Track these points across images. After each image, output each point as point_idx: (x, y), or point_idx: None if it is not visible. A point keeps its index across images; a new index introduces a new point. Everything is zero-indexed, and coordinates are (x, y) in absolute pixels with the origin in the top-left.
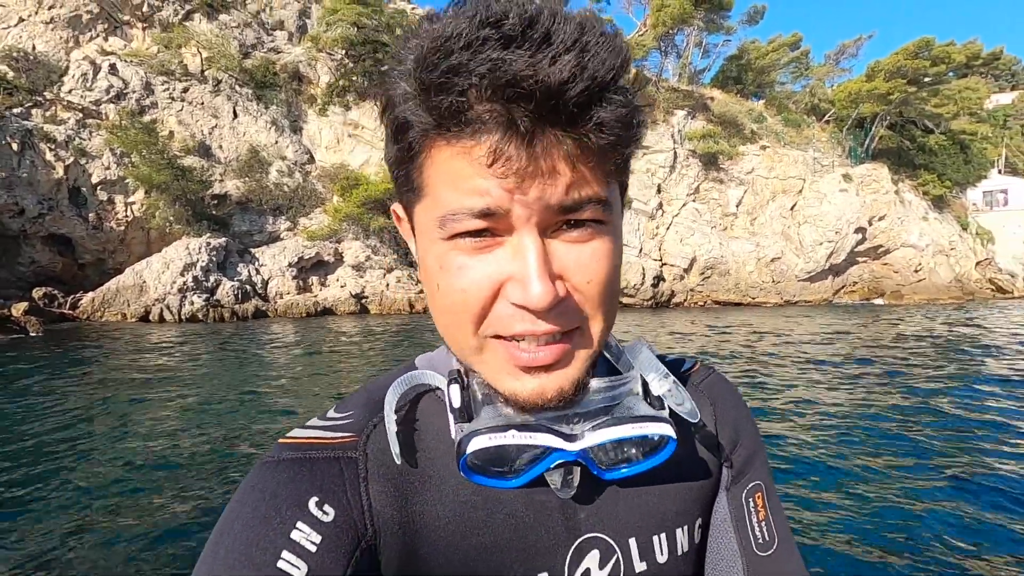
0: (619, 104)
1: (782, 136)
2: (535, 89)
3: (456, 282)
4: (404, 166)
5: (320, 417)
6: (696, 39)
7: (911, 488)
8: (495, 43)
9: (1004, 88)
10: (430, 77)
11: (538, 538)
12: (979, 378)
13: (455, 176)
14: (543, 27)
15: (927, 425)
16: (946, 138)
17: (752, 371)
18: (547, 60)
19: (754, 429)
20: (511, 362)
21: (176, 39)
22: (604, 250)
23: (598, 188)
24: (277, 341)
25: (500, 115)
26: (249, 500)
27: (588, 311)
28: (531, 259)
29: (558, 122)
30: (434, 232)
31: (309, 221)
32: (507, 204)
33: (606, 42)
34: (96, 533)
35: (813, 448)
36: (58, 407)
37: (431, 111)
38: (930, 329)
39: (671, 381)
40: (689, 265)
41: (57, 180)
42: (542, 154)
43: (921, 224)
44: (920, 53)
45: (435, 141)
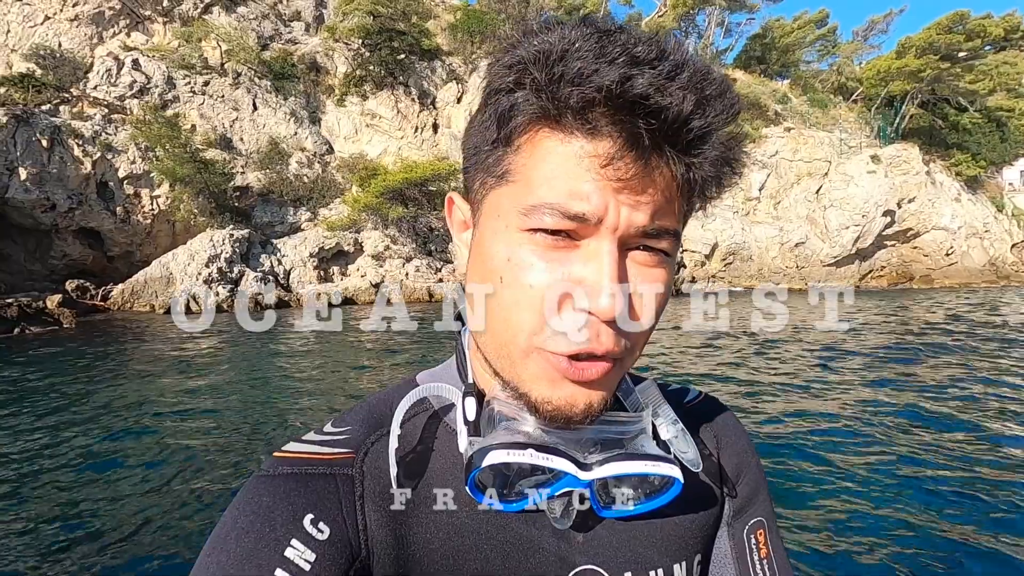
0: (727, 147)
1: (807, 117)
2: (664, 110)
3: (525, 278)
4: (497, 148)
5: (317, 431)
6: (718, 18)
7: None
8: (625, 60)
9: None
10: (563, 69)
11: (531, 567)
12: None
13: (556, 171)
14: (672, 62)
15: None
16: (981, 115)
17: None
18: (675, 88)
19: (757, 464)
20: (556, 370)
21: (196, 33)
22: (663, 281)
23: (678, 223)
24: (301, 330)
25: (623, 124)
26: (244, 514)
27: (636, 338)
28: (607, 266)
29: (676, 146)
30: (514, 220)
31: (329, 212)
32: (601, 212)
33: (726, 91)
34: (101, 534)
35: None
36: (97, 398)
37: (555, 100)
38: (962, 314)
39: (679, 428)
40: (711, 251)
41: (85, 175)
42: (654, 171)
43: (953, 206)
44: (954, 27)
45: (543, 130)
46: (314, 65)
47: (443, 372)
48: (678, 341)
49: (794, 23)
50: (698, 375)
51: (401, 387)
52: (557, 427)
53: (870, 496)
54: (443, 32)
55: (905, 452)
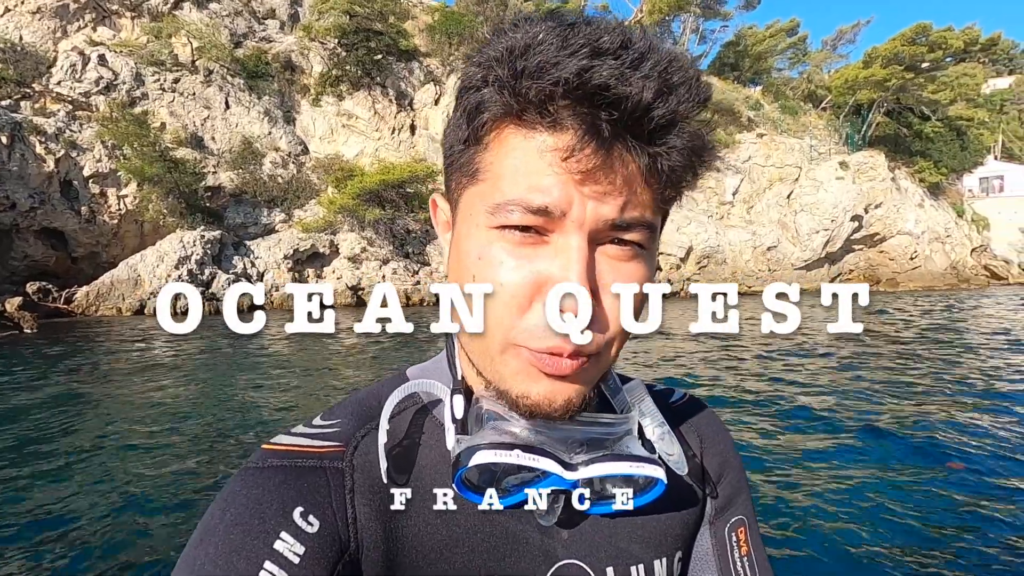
0: (693, 135)
1: (779, 124)
2: (623, 100)
3: (496, 275)
4: (468, 147)
5: (306, 424)
6: (693, 25)
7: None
8: (589, 51)
9: (1002, 72)
10: (523, 64)
11: (516, 562)
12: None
13: (520, 166)
14: (636, 51)
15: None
16: (943, 125)
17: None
18: (637, 78)
19: (739, 465)
20: (532, 365)
21: (166, 29)
22: (639, 274)
23: (651, 213)
24: (273, 334)
25: (583, 116)
26: (232, 506)
27: (612, 333)
28: (575, 261)
29: (638, 136)
30: (482, 218)
31: (304, 213)
32: (565, 205)
33: (692, 78)
34: (87, 529)
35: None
36: (56, 405)
37: (516, 96)
38: (920, 316)
39: (665, 430)
40: (686, 254)
41: (48, 173)
42: (616, 162)
43: (917, 211)
44: (917, 39)
45: (508, 126)
46: (289, 64)
47: (434, 367)
48: (683, 345)
49: (766, 31)
50: (701, 380)
51: (391, 381)
52: (541, 424)
53: (860, 503)
54: (421, 33)
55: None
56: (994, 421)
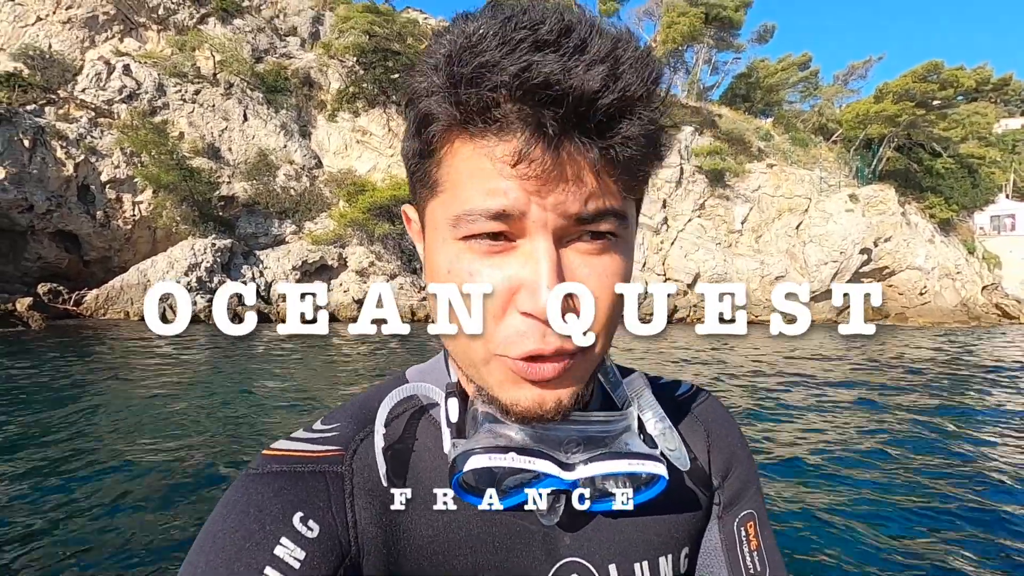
0: (647, 120)
1: (789, 155)
2: (567, 94)
3: (465, 288)
4: (423, 160)
5: (306, 429)
6: (705, 56)
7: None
8: (529, 46)
9: (1013, 113)
10: (460, 71)
11: (518, 561)
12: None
13: (474, 175)
14: (578, 36)
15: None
16: (954, 161)
17: (751, 388)
18: (581, 68)
19: (748, 457)
20: (516, 373)
21: (190, 42)
22: (615, 266)
23: (615, 201)
24: (278, 343)
25: (528, 116)
26: (232, 513)
27: (593, 328)
28: (543, 265)
29: (586, 130)
30: (447, 231)
31: (314, 225)
32: (524, 207)
33: (639, 58)
34: (85, 531)
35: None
36: (55, 403)
37: (458, 105)
38: (934, 354)
39: (666, 425)
40: (693, 281)
41: (67, 177)
42: (567, 160)
43: (927, 247)
44: (929, 76)
45: (457, 137)
46: (307, 80)
47: (431, 368)
48: (687, 348)
49: (778, 64)
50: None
51: (390, 383)
52: (538, 426)
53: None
54: None
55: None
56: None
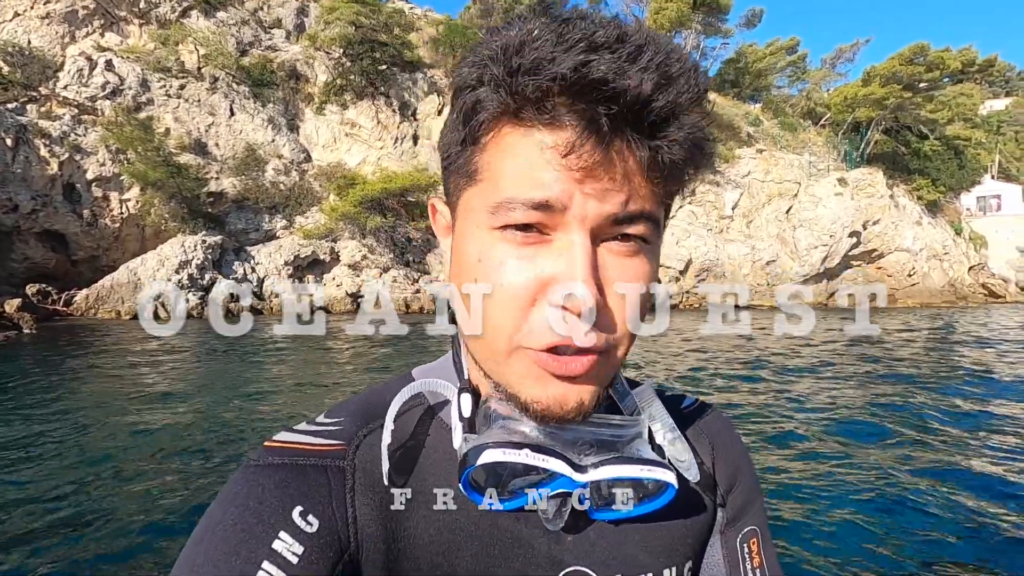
0: (694, 127)
1: (778, 140)
2: (621, 93)
3: (498, 278)
4: (466, 148)
5: (309, 422)
6: (694, 42)
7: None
8: (585, 46)
9: (998, 94)
10: (520, 61)
11: (520, 567)
12: (968, 380)
13: (520, 164)
14: (633, 44)
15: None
16: (940, 144)
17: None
18: (635, 71)
19: (752, 473)
20: (540, 367)
21: (173, 36)
22: (644, 269)
23: (652, 206)
24: (273, 338)
25: (582, 112)
26: (232, 505)
27: (619, 330)
28: (579, 259)
29: (638, 130)
30: (483, 218)
31: (305, 220)
32: (566, 200)
33: (690, 70)
34: (83, 532)
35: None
36: (54, 407)
37: (513, 94)
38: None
39: (676, 435)
40: (685, 267)
41: (51, 176)
42: (616, 157)
43: (915, 228)
44: (915, 59)
45: (505, 125)
46: (294, 73)
47: (439, 368)
48: (691, 350)
49: (766, 49)
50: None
51: (397, 381)
52: (552, 426)
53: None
54: (425, 45)
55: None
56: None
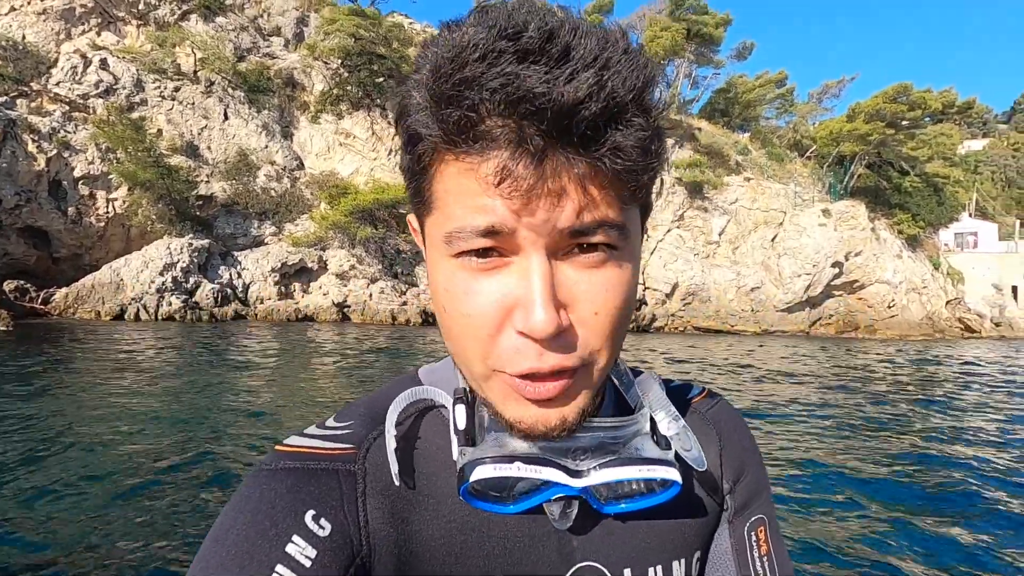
0: (638, 127)
1: (766, 169)
2: (548, 107)
3: (461, 307)
4: (416, 177)
5: (319, 425)
6: (686, 71)
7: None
8: (511, 56)
9: (976, 135)
10: (441, 88)
11: (532, 565)
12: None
13: (462, 192)
14: (562, 41)
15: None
16: (920, 180)
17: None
18: (564, 77)
19: (760, 462)
20: (516, 391)
21: (171, 38)
22: (616, 279)
23: (611, 212)
24: (253, 345)
25: (511, 132)
26: (245, 509)
27: (595, 345)
28: (536, 283)
29: (570, 143)
30: (442, 248)
31: (295, 227)
32: (512, 224)
33: (629, 59)
34: (66, 537)
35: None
36: (25, 407)
37: (440, 124)
38: (901, 365)
39: (680, 425)
40: (671, 290)
41: (38, 172)
42: (551, 175)
43: (895, 262)
44: (899, 98)
45: (444, 155)
46: (290, 80)
47: (443, 368)
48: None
49: (756, 81)
50: None
51: (401, 382)
52: (541, 440)
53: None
54: None
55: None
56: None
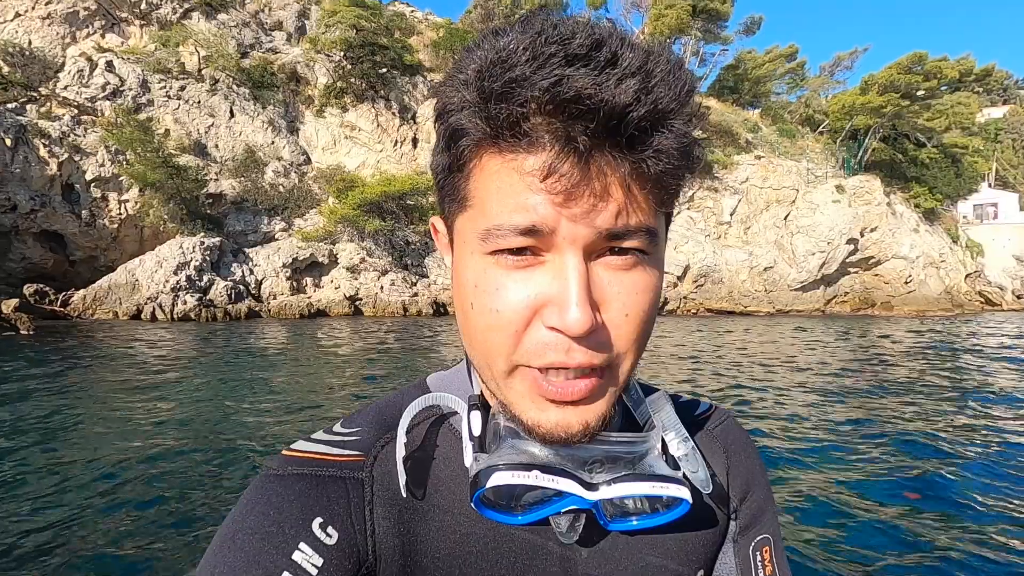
0: (679, 133)
1: (776, 146)
2: (598, 108)
3: (491, 303)
4: (452, 175)
5: (326, 431)
6: (693, 48)
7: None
8: (560, 60)
9: (996, 103)
10: (492, 86)
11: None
12: (970, 393)
13: (503, 189)
14: (610, 50)
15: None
16: (938, 151)
17: (741, 379)
18: (612, 81)
19: (766, 482)
20: (538, 392)
21: (174, 37)
22: (645, 283)
23: (647, 217)
24: (269, 342)
25: (558, 131)
26: (252, 514)
27: (620, 347)
28: (572, 281)
29: (617, 144)
30: (475, 245)
31: (304, 222)
32: (553, 223)
33: (672, 71)
34: (82, 538)
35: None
36: (52, 408)
37: (488, 120)
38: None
39: (689, 447)
40: (683, 273)
41: (50, 176)
42: (596, 175)
43: (912, 236)
44: (913, 68)
45: (487, 151)
46: (294, 75)
47: (454, 376)
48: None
49: (765, 56)
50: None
51: (411, 390)
52: (559, 445)
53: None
54: (425, 48)
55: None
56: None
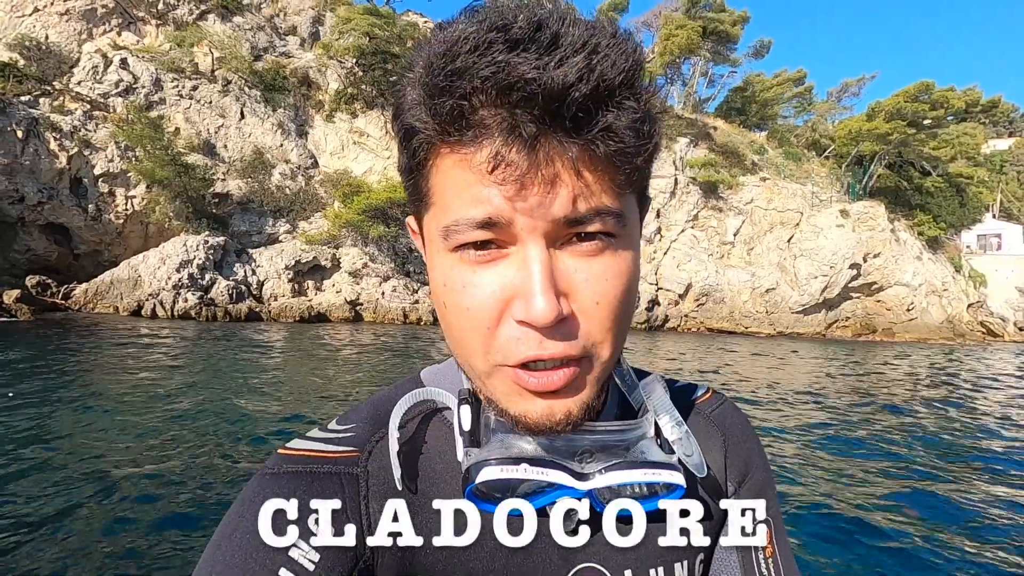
0: (630, 109)
1: (782, 169)
2: (539, 92)
3: (461, 301)
4: (412, 174)
5: (321, 428)
6: (702, 69)
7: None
8: (501, 46)
9: (1002, 135)
10: (434, 81)
11: (533, 566)
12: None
13: (459, 184)
14: (551, 30)
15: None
16: (943, 180)
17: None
18: (553, 62)
19: (765, 464)
20: (520, 387)
21: (189, 38)
22: (616, 267)
23: (608, 199)
24: (267, 343)
25: (503, 120)
26: (249, 512)
27: (596, 336)
28: (535, 271)
29: (562, 127)
30: (440, 243)
31: (309, 225)
32: (509, 214)
33: (617, 44)
34: (70, 531)
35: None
36: (38, 396)
37: (434, 116)
38: (925, 369)
39: (683, 431)
40: (685, 291)
41: (59, 169)
42: (544, 161)
43: (915, 263)
44: (920, 96)
45: (439, 148)
46: (306, 79)
47: (447, 369)
48: None
49: (774, 79)
50: None
51: (404, 385)
52: (549, 436)
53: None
54: None
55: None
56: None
